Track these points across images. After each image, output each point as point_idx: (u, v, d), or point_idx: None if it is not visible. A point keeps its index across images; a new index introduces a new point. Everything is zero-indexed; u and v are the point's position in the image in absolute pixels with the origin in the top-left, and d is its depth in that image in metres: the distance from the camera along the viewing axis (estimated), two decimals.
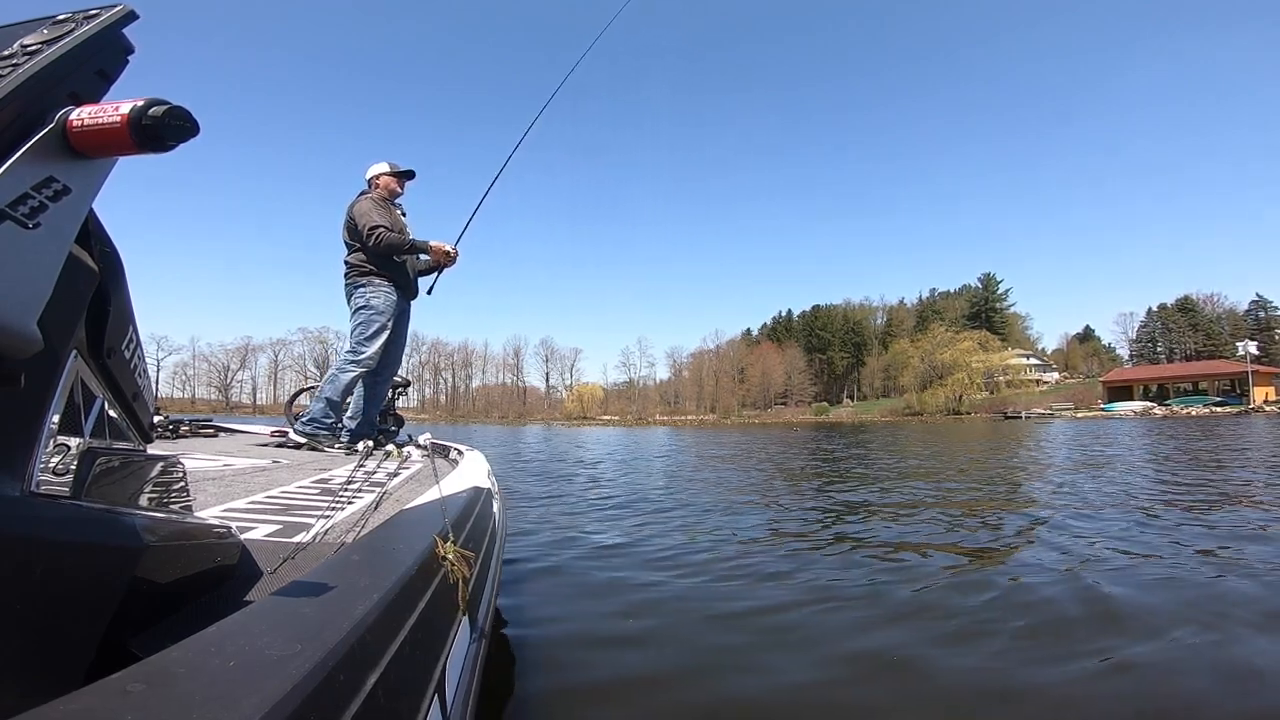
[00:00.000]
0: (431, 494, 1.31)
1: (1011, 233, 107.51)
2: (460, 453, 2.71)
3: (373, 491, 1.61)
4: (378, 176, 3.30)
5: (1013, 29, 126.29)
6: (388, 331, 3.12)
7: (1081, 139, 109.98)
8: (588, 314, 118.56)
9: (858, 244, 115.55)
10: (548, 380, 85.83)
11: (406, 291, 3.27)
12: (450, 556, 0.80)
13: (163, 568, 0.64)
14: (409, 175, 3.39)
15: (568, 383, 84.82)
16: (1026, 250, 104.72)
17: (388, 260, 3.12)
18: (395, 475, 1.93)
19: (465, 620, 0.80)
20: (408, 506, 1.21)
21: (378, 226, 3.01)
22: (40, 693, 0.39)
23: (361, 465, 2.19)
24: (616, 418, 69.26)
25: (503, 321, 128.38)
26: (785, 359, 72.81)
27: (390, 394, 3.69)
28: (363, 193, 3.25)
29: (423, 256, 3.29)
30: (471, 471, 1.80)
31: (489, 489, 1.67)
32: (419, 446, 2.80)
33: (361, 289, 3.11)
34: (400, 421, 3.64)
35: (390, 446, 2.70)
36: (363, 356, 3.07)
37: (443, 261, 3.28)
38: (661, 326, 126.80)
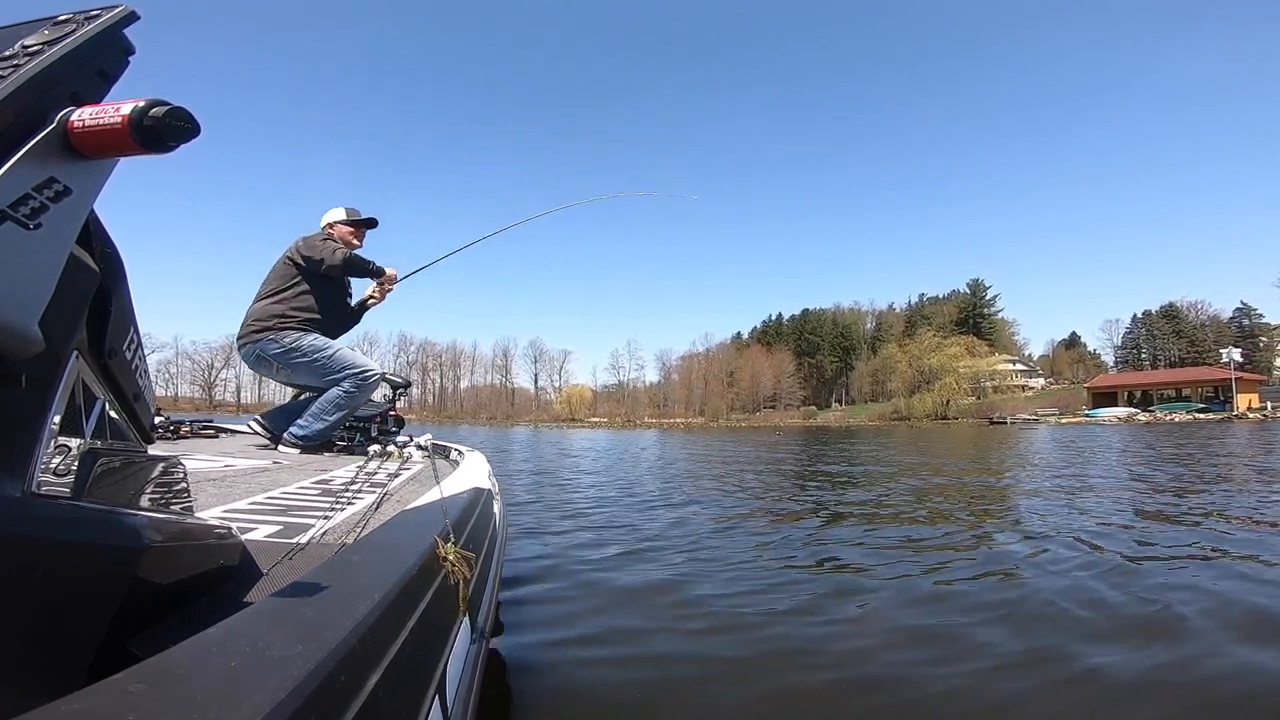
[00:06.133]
0: (432, 495, 1.31)
1: (1001, 239, 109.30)
2: (461, 453, 2.71)
3: (373, 492, 1.61)
4: (332, 225, 3.04)
5: (1008, 33, 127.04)
6: (346, 347, 2.95)
7: (1074, 146, 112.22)
8: (578, 315, 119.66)
9: (849, 248, 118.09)
10: (536, 381, 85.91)
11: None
12: (451, 557, 0.80)
13: (163, 568, 0.63)
14: (369, 224, 3.13)
15: (557, 384, 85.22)
16: (1015, 256, 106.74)
17: (314, 311, 2.92)
18: (396, 476, 1.93)
19: (466, 621, 0.80)
20: (408, 507, 1.21)
21: (338, 249, 2.84)
22: (41, 693, 0.39)
23: (362, 466, 2.19)
24: (605, 420, 69.85)
25: (492, 322, 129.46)
26: (774, 362, 73.45)
27: (391, 394, 3.69)
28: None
29: (365, 284, 3.17)
30: (472, 472, 1.80)
31: (490, 490, 1.67)
32: (419, 447, 2.80)
33: (304, 342, 2.83)
34: (401, 422, 3.63)
35: (391, 447, 2.70)
36: (369, 374, 2.93)
37: (378, 295, 3.18)
38: (651, 329, 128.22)
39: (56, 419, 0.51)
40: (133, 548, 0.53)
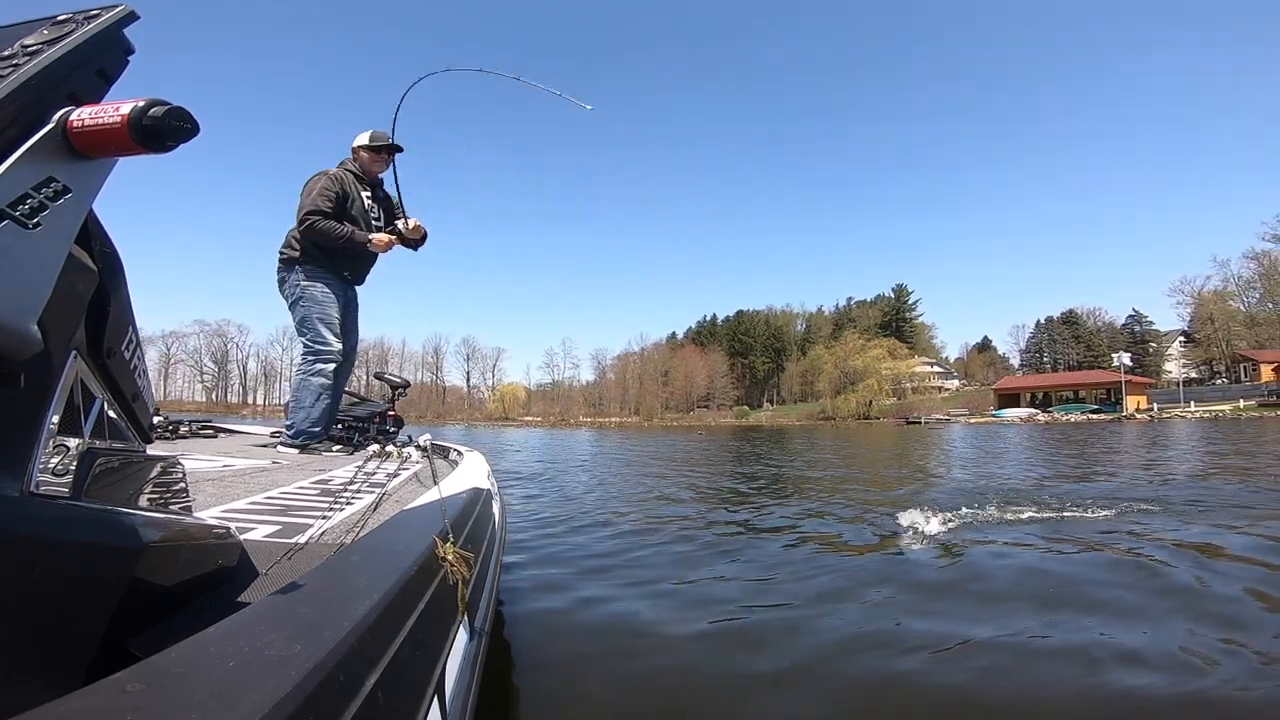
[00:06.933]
0: (431, 495, 1.30)
1: (925, 244, 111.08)
2: (460, 453, 2.71)
3: (372, 492, 1.61)
4: (356, 149, 3.03)
5: (936, 44, 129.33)
6: (336, 319, 2.92)
7: (997, 155, 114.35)
8: (512, 312, 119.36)
9: (784, 250, 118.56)
10: (469, 380, 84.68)
11: (351, 277, 3.05)
12: (450, 557, 0.80)
13: (162, 568, 0.63)
14: (392, 150, 3.06)
15: (490, 383, 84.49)
16: (937, 261, 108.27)
17: (339, 250, 2.88)
18: (395, 476, 1.93)
19: (465, 620, 0.79)
20: (407, 507, 1.21)
21: (312, 212, 2.76)
22: (41, 692, 0.39)
23: (361, 466, 2.19)
24: (539, 418, 70.07)
25: (422, 319, 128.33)
26: (708, 363, 74.50)
27: (390, 394, 3.69)
28: (341, 163, 3.02)
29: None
30: (471, 472, 1.80)
31: (489, 490, 1.67)
32: (418, 447, 2.80)
33: (295, 276, 2.85)
34: (400, 422, 3.63)
35: (390, 447, 2.69)
36: (325, 351, 2.87)
37: (388, 248, 3.01)
38: (587, 327, 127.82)
39: (55, 418, 0.51)
40: (131, 547, 0.53)
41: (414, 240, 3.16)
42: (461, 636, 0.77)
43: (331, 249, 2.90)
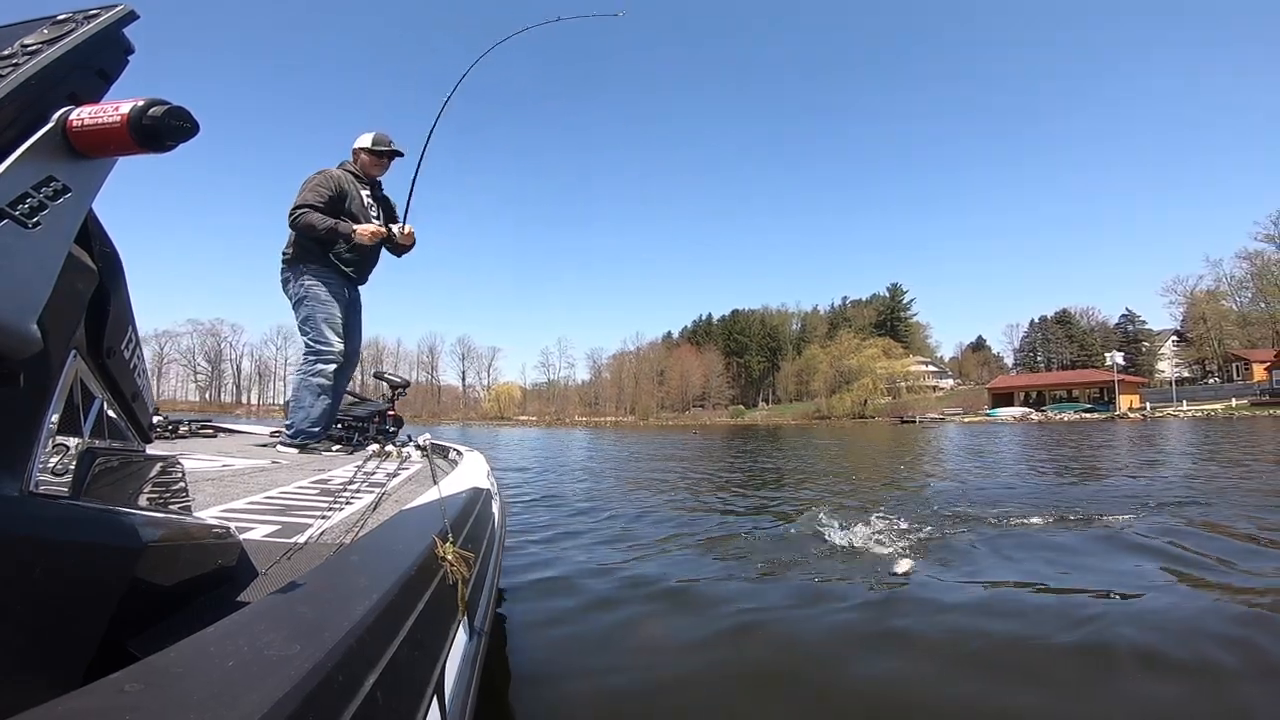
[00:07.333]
0: (431, 494, 1.30)
1: (920, 244, 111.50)
2: (460, 453, 2.71)
3: (372, 492, 1.61)
4: (357, 150, 3.07)
5: (933, 44, 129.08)
6: (339, 318, 2.94)
7: (992, 155, 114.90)
8: (508, 312, 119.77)
9: (779, 249, 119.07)
10: (464, 379, 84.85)
11: (354, 276, 3.04)
12: (449, 557, 0.80)
13: (162, 568, 0.63)
14: (392, 155, 3.09)
15: (485, 382, 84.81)
16: (932, 261, 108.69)
17: (328, 243, 2.88)
18: (394, 476, 1.93)
19: (465, 620, 0.79)
20: (407, 507, 1.21)
21: (300, 206, 2.77)
22: (40, 692, 0.39)
23: (361, 466, 2.19)
24: (534, 418, 70.41)
25: (417, 318, 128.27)
26: (704, 362, 74.85)
27: (390, 394, 3.68)
28: (341, 164, 3.05)
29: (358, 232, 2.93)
30: (471, 472, 1.80)
31: (489, 489, 1.67)
32: (418, 447, 2.80)
33: (298, 276, 2.88)
34: (400, 422, 3.63)
35: (389, 447, 2.69)
36: (326, 350, 2.89)
37: (374, 238, 2.94)
38: (583, 327, 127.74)
39: (55, 418, 0.51)
40: (131, 547, 0.53)
41: (403, 246, 3.16)
42: (461, 636, 0.77)
43: (323, 241, 2.90)
